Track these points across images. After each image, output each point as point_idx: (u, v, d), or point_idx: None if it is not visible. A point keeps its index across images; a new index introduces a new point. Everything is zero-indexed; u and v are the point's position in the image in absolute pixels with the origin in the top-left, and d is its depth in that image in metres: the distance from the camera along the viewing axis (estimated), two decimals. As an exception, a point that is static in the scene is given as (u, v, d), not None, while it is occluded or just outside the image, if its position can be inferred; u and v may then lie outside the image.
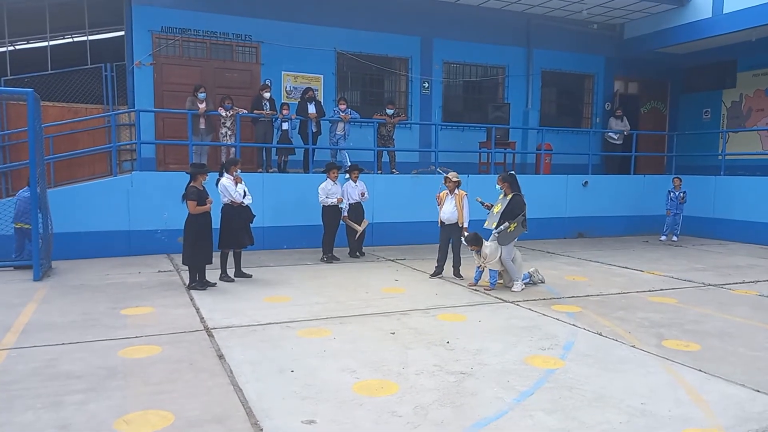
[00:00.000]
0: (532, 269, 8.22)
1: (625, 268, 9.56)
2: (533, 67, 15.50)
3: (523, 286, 7.72)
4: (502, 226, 7.53)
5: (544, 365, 4.83)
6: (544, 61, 15.62)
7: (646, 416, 3.90)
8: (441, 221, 8.49)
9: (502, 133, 13.93)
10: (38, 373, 4.53)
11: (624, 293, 7.66)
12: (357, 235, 10.11)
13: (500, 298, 7.24)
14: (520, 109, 15.37)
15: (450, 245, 8.48)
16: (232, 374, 4.55)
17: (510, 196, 7.65)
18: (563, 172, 13.94)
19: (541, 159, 14.13)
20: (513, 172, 8.09)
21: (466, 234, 8.10)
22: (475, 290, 7.70)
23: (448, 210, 8.37)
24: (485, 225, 7.84)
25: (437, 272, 8.56)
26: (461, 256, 8.56)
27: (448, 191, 8.46)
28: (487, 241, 7.77)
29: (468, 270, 8.50)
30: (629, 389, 4.37)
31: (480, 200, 8.13)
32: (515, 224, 7.47)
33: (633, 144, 14.57)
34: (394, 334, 5.67)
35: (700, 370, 4.77)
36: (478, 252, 7.79)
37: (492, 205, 7.91)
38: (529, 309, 6.73)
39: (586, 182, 13.82)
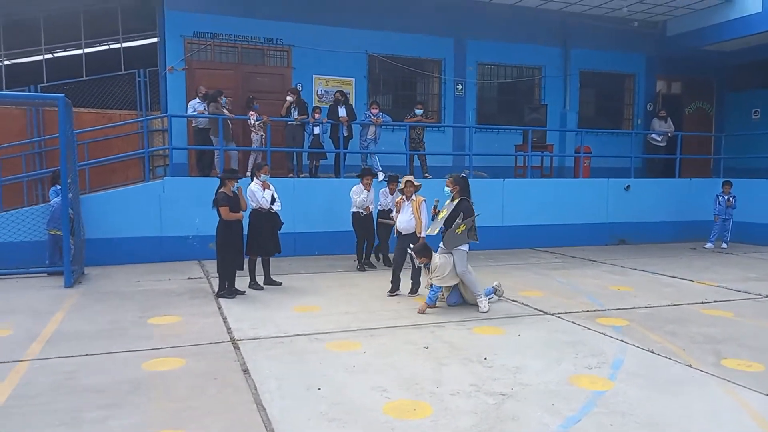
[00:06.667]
0: (495, 283, 7.35)
1: (673, 277, 9.03)
2: (571, 68, 15.01)
3: (488, 306, 6.79)
4: (441, 219, 6.75)
5: (591, 386, 4.46)
6: (582, 61, 15.11)
7: (710, 448, 3.51)
8: (398, 231, 7.69)
9: (538, 136, 13.50)
10: (60, 386, 4.38)
11: (674, 305, 7.17)
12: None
13: (540, 310, 6.85)
14: (558, 110, 14.89)
15: (409, 257, 7.34)
16: (257, 391, 4.31)
17: (457, 201, 6.83)
18: (603, 176, 13.38)
19: (580, 162, 13.62)
20: (465, 174, 7.16)
21: (411, 246, 7.04)
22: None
23: (405, 219, 7.53)
24: (427, 231, 7.10)
25: (395, 288, 7.64)
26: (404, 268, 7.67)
27: (404, 197, 7.62)
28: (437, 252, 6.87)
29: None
30: (687, 415, 3.98)
31: (437, 203, 7.15)
32: (464, 225, 6.61)
33: (677, 146, 13.92)
34: (427, 348, 5.36)
35: (766, 394, 4.33)
36: (427, 266, 6.79)
37: (439, 210, 7.04)
38: (572, 322, 6.32)
39: (628, 186, 13.24)
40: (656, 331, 5.97)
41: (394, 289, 7.68)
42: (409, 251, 6.95)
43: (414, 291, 7.61)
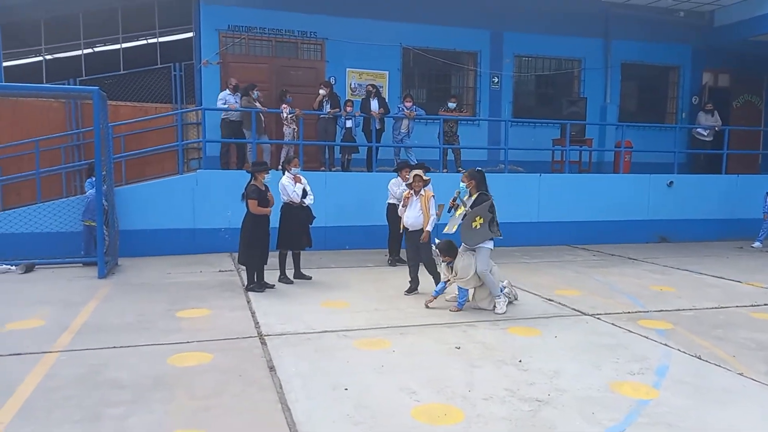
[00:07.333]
0: (505, 281, 6.84)
1: (719, 278, 8.58)
2: (612, 59, 14.50)
3: (506, 308, 6.44)
4: (459, 216, 6.34)
5: (634, 394, 4.19)
6: (624, 53, 14.57)
7: (766, 466, 3.23)
8: (405, 227, 7.27)
9: (577, 130, 13.07)
10: (84, 380, 4.34)
11: (721, 308, 6.78)
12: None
13: (578, 310, 6.57)
14: (598, 104, 14.41)
15: (420, 254, 7.18)
16: (282, 390, 4.19)
17: (475, 196, 6.43)
18: (645, 172, 12.88)
19: (621, 157, 13.14)
20: (480, 168, 6.74)
21: (436, 241, 6.67)
22: (476, 308, 6.54)
23: (413, 215, 7.10)
24: (445, 230, 6.64)
25: (412, 288, 7.28)
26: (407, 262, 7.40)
27: (412, 191, 7.17)
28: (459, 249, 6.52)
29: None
30: (739, 427, 3.69)
31: (458, 194, 6.56)
32: (481, 219, 6.20)
33: (725, 141, 13.29)
34: (459, 348, 5.16)
35: (827, 408, 4.00)
36: (450, 264, 6.51)
37: (458, 206, 6.57)
38: (612, 324, 6.02)
39: (671, 182, 12.71)
40: (703, 336, 5.64)
41: (412, 289, 7.32)
42: (434, 248, 6.67)
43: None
